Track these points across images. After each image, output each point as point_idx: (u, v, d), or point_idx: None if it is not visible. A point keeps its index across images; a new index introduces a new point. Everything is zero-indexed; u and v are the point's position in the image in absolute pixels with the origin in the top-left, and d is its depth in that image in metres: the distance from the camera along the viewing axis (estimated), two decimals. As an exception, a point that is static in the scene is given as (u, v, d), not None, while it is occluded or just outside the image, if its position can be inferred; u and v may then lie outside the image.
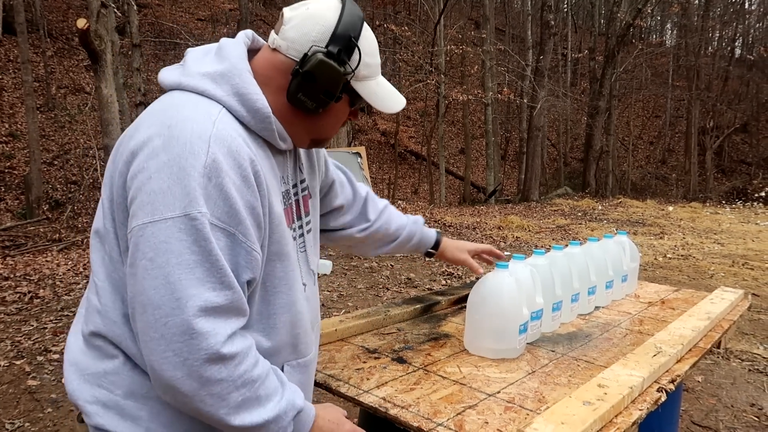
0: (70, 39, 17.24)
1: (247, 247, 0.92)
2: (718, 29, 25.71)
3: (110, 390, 0.97)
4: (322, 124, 1.08)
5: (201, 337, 0.84)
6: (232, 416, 0.89)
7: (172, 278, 0.84)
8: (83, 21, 6.68)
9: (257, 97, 0.97)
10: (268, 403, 0.93)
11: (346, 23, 0.98)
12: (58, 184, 12.72)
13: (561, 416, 1.08)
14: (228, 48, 1.00)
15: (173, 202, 0.85)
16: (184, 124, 0.89)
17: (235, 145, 0.91)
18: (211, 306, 0.86)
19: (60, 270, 6.09)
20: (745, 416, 3.10)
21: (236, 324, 0.91)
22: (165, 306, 0.84)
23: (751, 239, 9.25)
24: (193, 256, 0.85)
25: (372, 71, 1.06)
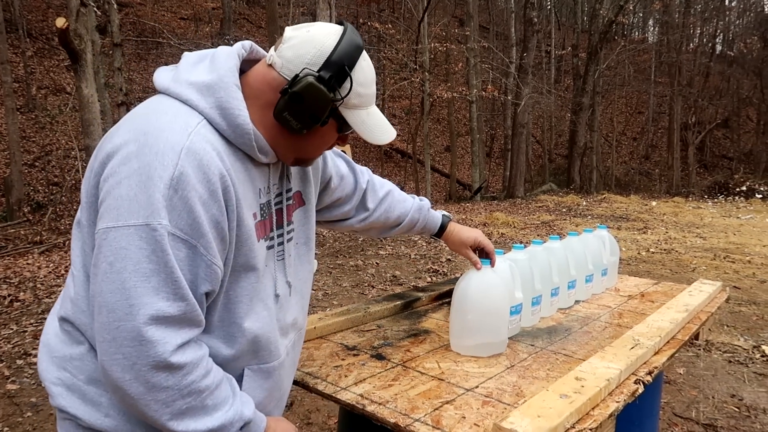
0: (50, 39, 17.01)
1: (207, 261, 0.93)
2: (699, 26, 25.99)
3: (74, 374, 1.00)
4: (305, 145, 1.09)
5: (150, 345, 0.86)
6: (175, 423, 0.91)
7: (128, 284, 0.86)
8: (62, 20, 6.59)
9: (239, 112, 0.98)
10: (215, 412, 0.95)
11: (342, 51, 1.00)
12: (40, 186, 12.55)
13: (537, 409, 1.08)
14: (220, 59, 1.01)
15: (137, 210, 0.87)
16: (160, 133, 0.91)
17: (206, 159, 0.92)
18: (163, 315, 0.88)
19: (41, 273, 6.01)
20: (725, 407, 3.14)
21: (188, 334, 0.92)
22: (119, 310, 0.86)
23: (733, 233, 9.37)
24: (150, 265, 0.87)
25: (363, 101, 1.06)
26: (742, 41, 25.71)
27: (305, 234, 1.25)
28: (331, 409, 3.02)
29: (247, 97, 1.01)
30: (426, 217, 1.60)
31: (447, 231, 1.63)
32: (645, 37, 30.85)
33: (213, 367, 0.97)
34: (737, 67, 25.58)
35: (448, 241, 1.65)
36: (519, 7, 19.43)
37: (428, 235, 1.65)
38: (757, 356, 3.86)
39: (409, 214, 1.55)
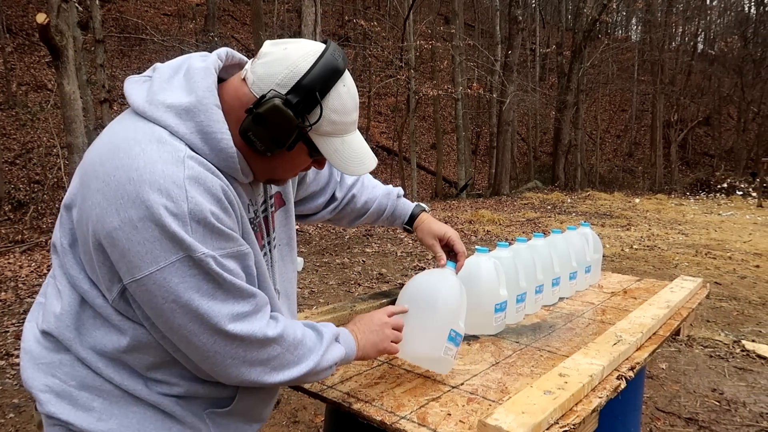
0: (30, 34, 16.75)
1: (246, 251, 0.98)
2: (680, 25, 26.31)
3: (64, 380, 1.00)
4: (273, 167, 1.06)
5: (248, 338, 0.95)
6: (297, 370, 1.03)
7: (201, 310, 0.91)
8: (43, 16, 6.50)
9: (222, 136, 0.96)
10: (317, 346, 1.07)
11: (315, 75, 0.96)
12: (21, 184, 12.37)
13: (522, 406, 1.09)
14: (197, 76, 0.97)
15: (172, 247, 0.88)
16: (154, 167, 0.88)
17: (209, 182, 0.92)
18: (241, 314, 0.95)
19: (23, 272, 5.93)
20: (707, 401, 3.19)
21: (267, 312, 1.01)
22: (206, 332, 0.93)
23: (714, 229, 9.51)
24: (210, 285, 0.91)
25: (338, 129, 1.02)
26: (722, 40, 26.05)
27: (287, 234, 1.25)
28: (317, 407, 3.02)
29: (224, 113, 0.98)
30: (395, 204, 1.56)
31: (418, 220, 1.57)
32: (628, 35, 31.14)
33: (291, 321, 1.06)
34: (718, 65, 25.93)
35: (417, 230, 1.57)
36: (504, 5, 19.51)
37: (400, 224, 1.59)
38: (737, 351, 3.92)
39: (377, 200, 1.52)
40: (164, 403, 1.02)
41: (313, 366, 1.05)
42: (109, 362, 0.99)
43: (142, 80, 1.02)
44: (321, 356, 1.06)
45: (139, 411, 1.01)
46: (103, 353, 0.99)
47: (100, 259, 0.94)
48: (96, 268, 0.95)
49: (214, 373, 0.98)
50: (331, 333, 1.10)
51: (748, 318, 4.67)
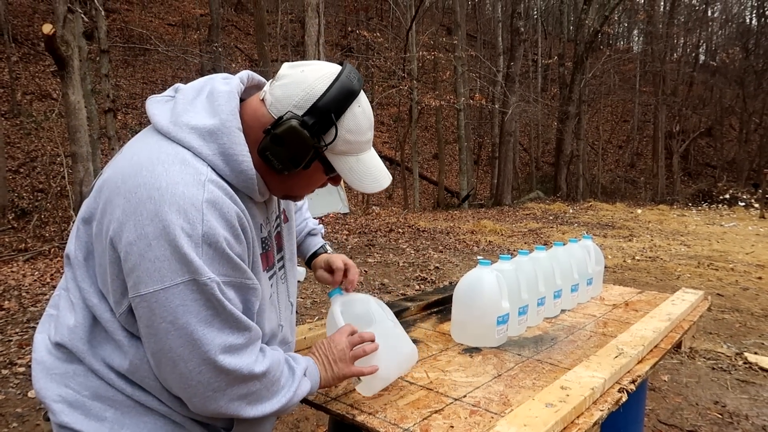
0: (36, 44, 16.90)
1: (252, 286, 1.01)
2: (682, 36, 26.42)
3: (77, 390, 1.01)
4: (291, 185, 1.10)
5: (235, 372, 0.96)
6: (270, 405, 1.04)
7: (196, 335, 0.92)
8: (49, 26, 6.57)
9: (243, 158, 0.99)
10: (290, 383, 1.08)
11: (330, 98, 0.99)
12: (24, 193, 12.43)
13: (524, 418, 1.11)
14: (221, 99, 1.00)
15: (180, 268, 0.90)
16: (176, 188, 0.91)
17: (226, 207, 0.95)
18: (234, 347, 0.96)
19: (26, 281, 5.95)
20: (709, 414, 3.19)
21: (257, 347, 1.02)
22: (195, 359, 0.93)
23: (716, 240, 9.50)
24: (209, 312, 0.93)
25: (353, 148, 1.06)
26: (724, 51, 26.14)
27: (290, 249, 1.28)
28: (319, 418, 3.02)
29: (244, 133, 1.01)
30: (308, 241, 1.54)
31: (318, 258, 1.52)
32: (630, 46, 31.26)
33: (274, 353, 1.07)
34: (720, 76, 26.00)
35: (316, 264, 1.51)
36: (506, 16, 19.64)
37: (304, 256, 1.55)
38: (739, 363, 3.92)
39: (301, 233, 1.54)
40: (175, 414, 1.04)
41: (285, 402, 1.06)
42: (120, 374, 1.01)
43: (164, 100, 1.05)
44: (293, 392, 1.08)
45: (150, 421, 1.02)
46: (112, 367, 1.01)
47: (114, 272, 0.95)
48: (108, 282, 0.97)
49: (190, 402, 0.98)
50: (301, 368, 1.12)
51: (751, 330, 4.66)
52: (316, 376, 1.16)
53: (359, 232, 9.34)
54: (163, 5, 23.57)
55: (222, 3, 21.76)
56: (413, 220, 11.09)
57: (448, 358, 1.55)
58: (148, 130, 1.04)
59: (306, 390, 1.12)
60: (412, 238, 8.95)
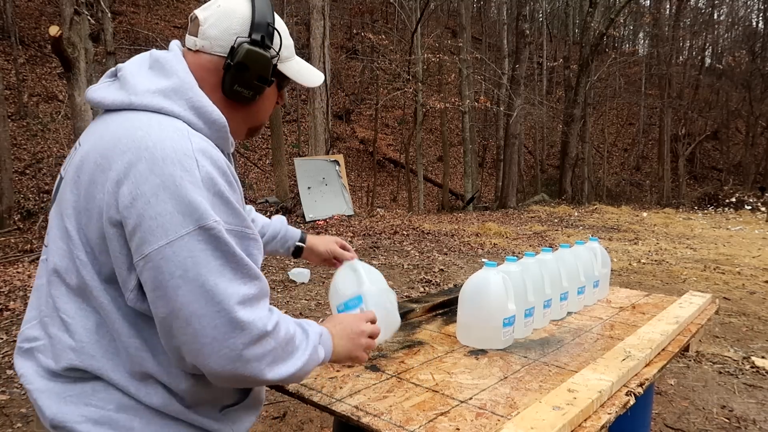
0: (42, 46, 16.98)
1: (253, 237, 1.00)
2: (688, 39, 26.35)
3: (100, 406, 0.98)
4: (257, 110, 1.13)
5: (251, 326, 0.92)
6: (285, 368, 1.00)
7: (208, 286, 0.89)
8: (56, 28, 6.60)
9: (212, 109, 1.00)
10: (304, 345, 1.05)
11: (261, 11, 1.04)
12: (30, 194, 12.48)
13: (531, 421, 1.10)
14: (170, 62, 1.02)
15: (183, 219, 0.88)
16: (163, 143, 0.91)
17: (215, 155, 0.96)
18: (247, 298, 0.93)
19: (31, 282, 5.97)
20: (716, 418, 3.16)
21: (267, 302, 1.00)
22: (209, 313, 0.89)
23: (723, 244, 9.45)
24: (219, 261, 0.90)
25: (290, 51, 1.14)
26: (730, 54, 26.05)
27: None
28: (324, 420, 3.01)
29: None
30: (286, 229, 1.61)
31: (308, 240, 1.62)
32: (635, 49, 31.19)
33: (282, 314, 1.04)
34: (726, 79, 25.93)
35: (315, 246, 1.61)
36: (511, 19, 19.61)
37: (291, 243, 1.61)
38: (747, 367, 3.89)
39: (272, 225, 1.58)
40: (198, 419, 1.04)
41: (301, 365, 1.03)
42: (140, 384, 0.99)
43: (106, 85, 1.04)
44: (309, 355, 1.05)
45: (172, 425, 1.02)
46: (132, 374, 0.99)
47: (116, 248, 0.93)
48: (114, 264, 0.94)
49: (206, 366, 0.93)
50: (316, 333, 1.09)
51: (758, 334, 4.62)
52: (330, 346, 1.13)
53: (364, 234, 9.33)
54: (169, 8, 23.67)
55: (228, 5, 21.85)
56: (418, 222, 11.08)
57: (453, 360, 1.54)
58: (103, 116, 1.02)
59: (321, 356, 1.09)
60: (417, 240, 8.94)
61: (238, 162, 17.32)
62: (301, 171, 11.10)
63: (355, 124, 22.93)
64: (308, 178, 11.03)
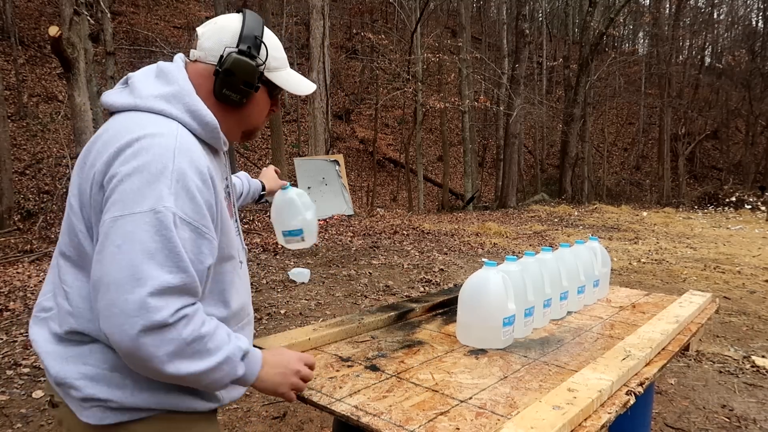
0: (42, 47, 16.97)
1: (209, 238, 1.07)
2: (688, 38, 26.34)
3: (96, 365, 1.09)
4: (248, 114, 1.25)
5: (154, 311, 0.97)
6: (186, 366, 1.02)
7: (135, 262, 0.97)
8: (55, 29, 6.59)
9: (206, 112, 1.14)
10: (218, 351, 1.07)
11: (249, 27, 1.18)
12: (30, 194, 12.48)
13: (530, 421, 1.09)
14: (172, 72, 1.16)
15: (142, 201, 0.99)
16: (152, 138, 1.04)
17: (195, 155, 1.08)
18: (166, 286, 0.99)
19: (31, 282, 5.97)
20: (716, 417, 3.16)
21: (187, 301, 1.03)
22: (127, 285, 0.97)
23: (723, 243, 9.44)
24: (154, 244, 0.98)
25: (281, 63, 1.25)
26: (730, 54, 26.03)
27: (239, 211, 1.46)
28: (324, 420, 3.01)
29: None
30: (251, 182, 1.80)
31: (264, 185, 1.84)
32: (635, 49, 31.17)
33: (207, 319, 1.07)
34: (726, 79, 25.93)
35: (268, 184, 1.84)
36: (511, 18, 19.61)
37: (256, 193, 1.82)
38: (747, 366, 3.89)
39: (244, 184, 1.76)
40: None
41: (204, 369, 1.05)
42: None
43: (118, 90, 1.18)
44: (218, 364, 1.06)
45: (164, 387, 1.11)
46: None
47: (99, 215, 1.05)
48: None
49: (108, 333, 0.99)
50: (239, 349, 1.11)
51: (758, 333, 4.62)
52: (256, 370, 1.16)
53: (364, 234, 9.33)
54: (168, 8, 23.67)
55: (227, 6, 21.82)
56: (418, 222, 11.08)
57: (453, 360, 1.54)
58: (113, 116, 1.14)
59: (239, 373, 1.11)
60: (417, 240, 8.93)
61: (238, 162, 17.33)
62: (300, 171, 11.10)
63: (354, 124, 22.93)
64: (308, 178, 11.02)
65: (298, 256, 7.33)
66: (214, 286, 1.17)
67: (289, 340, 1.57)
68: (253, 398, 3.26)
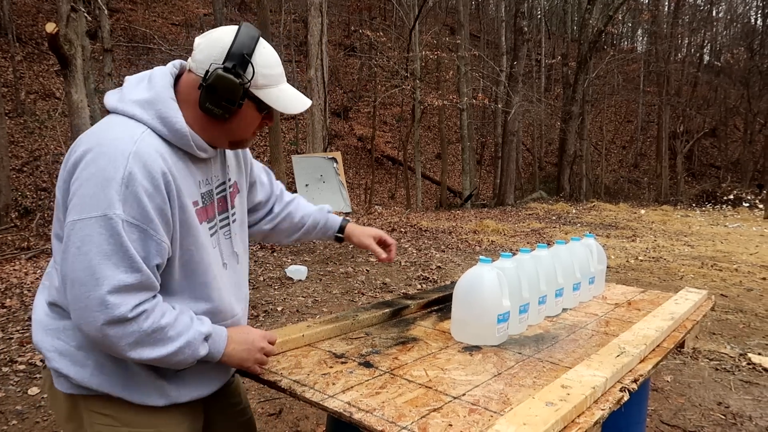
0: (39, 43, 16.92)
1: (156, 240, 1.15)
2: (686, 36, 26.35)
3: (66, 342, 1.23)
4: (233, 128, 1.27)
5: (114, 307, 1.09)
6: (148, 352, 1.15)
7: (93, 263, 1.09)
8: (52, 25, 6.57)
9: (176, 120, 1.20)
10: (178, 337, 1.18)
11: (239, 43, 1.19)
12: (28, 191, 12.45)
13: (523, 417, 1.09)
14: (156, 78, 1.23)
15: (96, 205, 1.09)
16: (112, 142, 1.13)
17: (150, 161, 1.14)
18: (122, 285, 1.10)
19: (28, 279, 5.95)
20: (712, 414, 3.17)
21: (145, 296, 1.15)
22: (88, 284, 1.09)
23: (720, 241, 9.46)
24: (109, 247, 1.09)
25: (272, 80, 1.25)
26: (729, 52, 26.06)
27: (242, 216, 1.48)
28: (319, 417, 3.01)
29: (181, 102, 1.22)
30: (327, 218, 1.76)
31: (348, 230, 1.77)
32: (634, 46, 31.17)
33: (168, 309, 1.19)
34: (724, 77, 25.94)
35: (352, 237, 1.77)
36: (509, 16, 19.59)
37: (332, 234, 1.77)
38: (743, 364, 3.89)
39: (312, 215, 1.73)
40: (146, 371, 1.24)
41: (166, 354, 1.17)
42: None
43: (116, 91, 1.26)
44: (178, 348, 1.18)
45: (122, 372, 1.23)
46: None
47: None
48: None
49: (76, 324, 1.13)
50: (199, 333, 1.22)
51: (755, 331, 4.63)
52: (221, 347, 1.27)
53: (361, 231, 9.31)
54: (166, 5, 23.61)
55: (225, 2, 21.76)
56: (415, 219, 11.07)
57: (447, 357, 1.53)
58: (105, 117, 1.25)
59: (201, 353, 1.23)
60: (415, 237, 8.93)
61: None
62: (298, 168, 11.09)
63: (353, 122, 22.90)
64: (306, 176, 11.01)
65: (296, 254, 7.32)
66: (185, 283, 1.26)
67: (282, 337, 1.56)
68: (249, 395, 3.26)
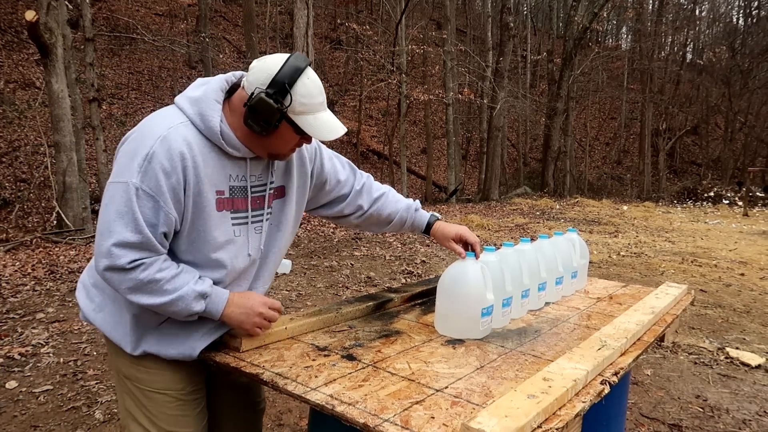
0: (19, 32, 16.59)
1: (165, 211, 1.33)
2: (670, 35, 26.58)
3: (89, 277, 1.55)
4: (270, 143, 1.44)
5: (115, 257, 1.31)
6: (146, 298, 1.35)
7: (110, 218, 1.31)
8: (32, 13, 6.46)
9: (211, 118, 1.38)
10: (174, 291, 1.35)
11: (283, 73, 1.35)
12: (7, 182, 12.23)
13: (505, 410, 1.09)
14: (211, 82, 1.43)
15: (123, 173, 1.32)
16: (151, 127, 1.36)
17: (175, 145, 1.33)
18: (126, 241, 1.31)
19: (6, 271, 5.86)
20: (690, 407, 3.21)
21: (144, 254, 1.33)
22: (103, 233, 1.32)
23: (700, 237, 9.59)
24: (123, 208, 1.30)
25: (309, 109, 1.39)
26: (711, 50, 26.35)
27: (278, 219, 1.60)
28: (302, 410, 3.00)
29: (232, 111, 1.41)
30: (414, 216, 1.87)
31: (434, 228, 1.87)
32: (618, 44, 31.41)
33: (168, 267, 1.36)
34: (706, 75, 26.23)
35: (436, 235, 1.86)
36: (496, 11, 19.62)
37: (419, 231, 1.89)
38: (721, 358, 3.95)
39: (399, 213, 1.84)
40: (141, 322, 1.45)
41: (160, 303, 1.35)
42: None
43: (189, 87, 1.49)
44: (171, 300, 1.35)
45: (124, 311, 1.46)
46: None
47: None
48: None
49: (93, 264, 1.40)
50: (195, 291, 1.37)
51: (733, 325, 4.71)
52: (220, 307, 1.42)
53: (346, 225, 9.30)
54: (150, -6, 23.25)
55: (210, -7, 21.52)
56: (401, 214, 11.05)
57: (430, 350, 1.53)
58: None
59: (195, 309, 1.38)
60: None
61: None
62: (283, 161, 10.99)
63: (338, 115, 22.75)
64: (291, 169, 10.92)
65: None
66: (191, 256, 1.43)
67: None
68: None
